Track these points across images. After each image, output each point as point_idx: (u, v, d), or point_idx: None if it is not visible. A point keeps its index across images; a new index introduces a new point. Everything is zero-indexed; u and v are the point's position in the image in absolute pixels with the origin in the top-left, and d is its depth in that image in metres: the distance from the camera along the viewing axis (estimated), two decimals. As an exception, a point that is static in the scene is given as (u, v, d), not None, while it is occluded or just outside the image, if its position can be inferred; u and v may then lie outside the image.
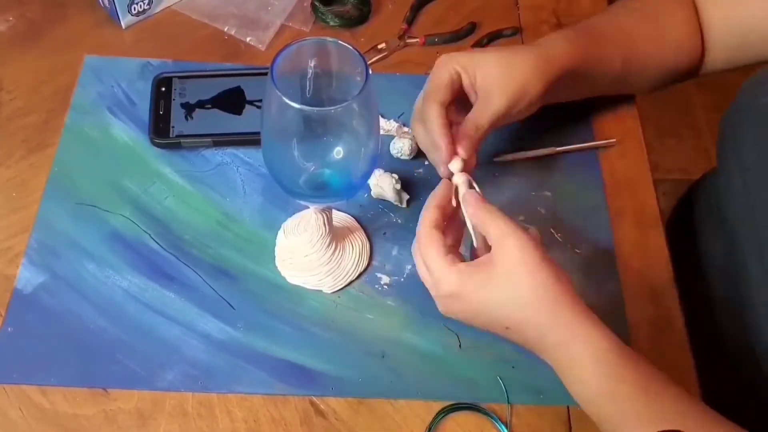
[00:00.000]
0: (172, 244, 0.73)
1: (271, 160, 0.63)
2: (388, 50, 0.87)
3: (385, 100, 0.81)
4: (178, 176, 0.77)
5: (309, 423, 0.64)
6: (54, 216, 0.73)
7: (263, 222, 0.75)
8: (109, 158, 0.78)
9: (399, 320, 0.70)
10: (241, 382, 0.66)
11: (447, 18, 0.91)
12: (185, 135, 0.78)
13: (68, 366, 0.66)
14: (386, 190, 0.74)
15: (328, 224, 0.69)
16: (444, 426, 0.65)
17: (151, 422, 0.64)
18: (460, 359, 0.68)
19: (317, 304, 0.70)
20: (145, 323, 0.68)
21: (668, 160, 1.80)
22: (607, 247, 0.74)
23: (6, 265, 0.71)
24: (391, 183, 0.74)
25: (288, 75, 0.59)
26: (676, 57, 0.78)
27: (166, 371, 0.66)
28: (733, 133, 0.72)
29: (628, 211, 0.77)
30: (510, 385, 0.67)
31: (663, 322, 0.70)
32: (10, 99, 0.81)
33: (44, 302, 0.69)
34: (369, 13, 0.90)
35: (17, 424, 0.63)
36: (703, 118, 1.93)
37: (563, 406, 0.66)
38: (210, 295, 0.70)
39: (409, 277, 0.72)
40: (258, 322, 0.69)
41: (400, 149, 0.78)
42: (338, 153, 0.62)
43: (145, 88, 0.81)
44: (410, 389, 0.66)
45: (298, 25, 0.89)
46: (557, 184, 0.78)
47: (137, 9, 0.87)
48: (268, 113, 0.59)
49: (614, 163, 0.80)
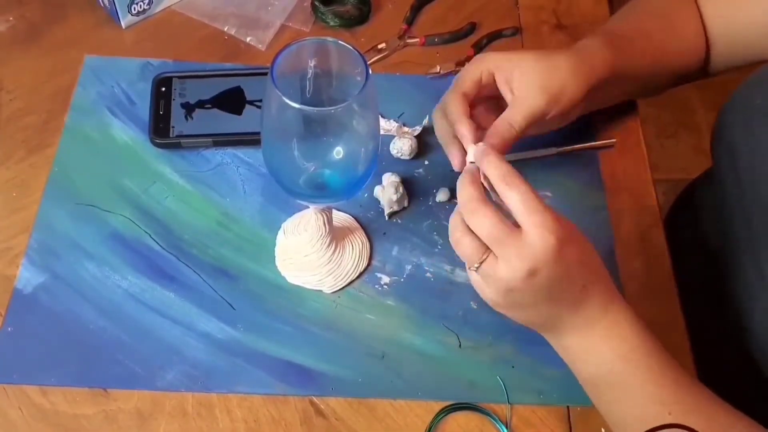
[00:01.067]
0: (172, 244, 0.73)
1: (271, 160, 0.63)
2: (388, 50, 0.87)
3: (385, 100, 0.81)
4: (178, 176, 0.77)
5: (309, 423, 0.64)
6: (54, 216, 0.73)
7: (263, 222, 0.75)
8: (109, 158, 0.78)
9: (399, 320, 0.70)
10: (241, 382, 0.66)
11: (447, 18, 0.91)
12: (185, 135, 0.78)
13: (68, 366, 0.66)
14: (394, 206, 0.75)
15: (328, 224, 0.69)
16: (444, 426, 0.65)
17: (151, 422, 0.64)
18: (460, 359, 0.68)
19: (317, 304, 0.70)
20: (145, 323, 0.68)
21: (668, 160, 1.80)
22: (607, 247, 0.74)
23: (6, 266, 0.71)
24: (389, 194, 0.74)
25: (288, 75, 0.59)
26: (688, 56, 0.78)
27: (166, 371, 0.66)
28: (726, 133, 0.72)
29: (628, 211, 0.77)
30: (510, 385, 0.67)
31: (663, 322, 0.70)
32: (10, 99, 0.81)
33: (44, 302, 0.69)
34: (369, 13, 0.90)
35: (17, 424, 0.63)
36: (703, 118, 1.93)
37: (563, 406, 0.66)
38: (210, 295, 0.70)
39: (409, 277, 0.72)
40: (258, 322, 0.69)
41: (400, 149, 0.78)
42: (338, 153, 0.62)
43: (145, 88, 0.81)
44: (410, 389, 0.66)
45: (298, 25, 0.89)
46: (557, 184, 0.78)
47: (137, 9, 0.87)
48: (268, 113, 0.59)
49: (614, 163, 0.80)
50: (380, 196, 0.75)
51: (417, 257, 0.73)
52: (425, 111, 0.82)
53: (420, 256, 0.73)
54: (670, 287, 0.72)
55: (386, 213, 0.75)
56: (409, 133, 0.77)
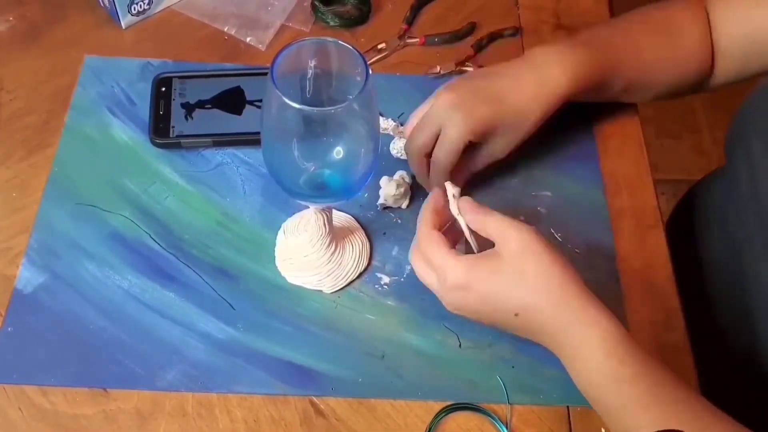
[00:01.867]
0: (172, 244, 0.73)
1: (271, 160, 0.63)
2: (388, 50, 0.87)
3: (385, 100, 0.81)
4: (178, 176, 0.77)
5: (309, 423, 0.64)
6: (54, 216, 0.73)
7: (263, 222, 0.75)
8: (109, 158, 0.78)
9: (399, 320, 0.70)
10: (241, 382, 0.66)
11: (447, 18, 0.91)
12: (185, 135, 0.78)
13: (68, 366, 0.66)
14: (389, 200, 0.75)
15: (328, 224, 0.69)
16: (444, 426, 0.65)
17: (151, 422, 0.64)
18: (460, 359, 0.68)
19: (317, 304, 0.70)
20: (145, 323, 0.68)
21: (668, 160, 1.80)
22: (607, 247, 0.74)
23: (6, 266, 0.71)
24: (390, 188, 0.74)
25: (288, 75, 0.59)
26: (686, 69, 0.77)
27: (166, 371, 0.66)
28: (743, 130, 0.72)
29: (628, 211, 0.77)
30: (510, 385, 0.67)
31: (663, 322, 0.70)
32: (10, 99, 0.81)
33: (44, 302, 0.69)
34: (369, 13, 0.90)
35: (17, 424, 0.63)
36: (703, 118, 1.93)
37: (563, 406, 0.66)
38: (210, 295, 0.70)
39: (409, 277, 0.72)
40: (258, 322, 0.69)
41: (399, 149, 0.78)
42: (338, 153, 0.62)
43: (145, 88, 0.81)
44: (410, 389, 0.66)
45: (298, 25, 0.89)
46: (557, 184, 0.78)
47: (137, 9, 0.87)
48: (268, 113, 0.59)
49: (614, 163, 0.80)
50: (383, 186, 0.75)
51: (417, 257, 0.73)
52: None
53: (420, 256, 0.73)
54: (670, 287, 0.72)
55: (380, 202, 0.75)
56: (405, 133, 0.77)
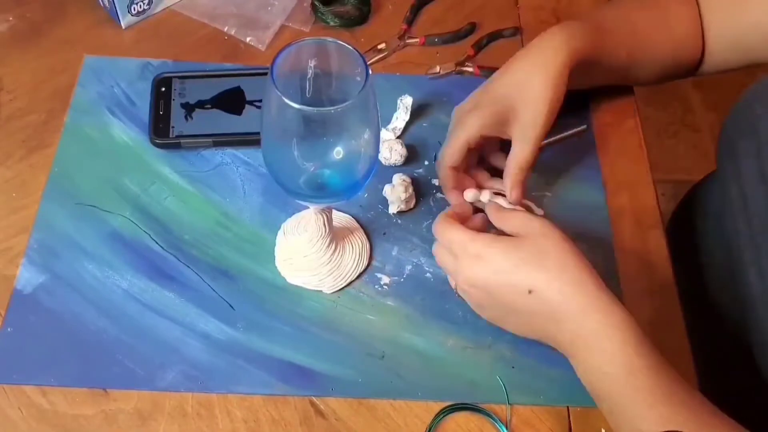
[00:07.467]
0: (172, 244, 0.73)
1: (271, 160, 0.63)
2: (388, 50, 0.87)
3: (385, 100, 0.81)
4: (177, 176, 0.77)
5: (309, 423, 0.64)
6: (54, 216, 0.73)
7: (263, 222, 0.75)
8: (109, 158, 0.78)
9: (399, 320, 0.70)
10: (240, 383, 0.66)
11: (447, 18, 0.91)
12: (185, 135, 0.78)
13: (68, 366, 0.66)
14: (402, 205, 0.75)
15: (328, 224, 0.69)
16: (444, 426, 0.65)
17: (151, 422, 0.64)
18: (460, 359, 0.68)
19: (317, 304, 0.70)
20: (145, 323, 0.68)
21: (668, 160, 1.80)
22: (607, 247, 0.74)
23: (6, 265, 0.71)
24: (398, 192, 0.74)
25: (288, 75, 0.59)
26: (678, 50, 0.78)
27: (166, 371, 0.66)
28: (730, 142, 0.72)
29: (628, 211, 0.77)
30: (510, 385, 0.67)
31: (663, 322, 0.70)
32: (10, 99, 0.81)
33: (44, 302, 0.69)
34: (369, 13, 0.90)
35: (17, 424, 0.63)
36: (703, 118, 1.93)
37: (563, 407, 0.66)
38: (210, 295, 0.70)
39: (409, 277, 0.72)
40: (258, 323, 0.69)
41: (387, 158, 0.77)
42: (338, 153, 0.62)
43: (145, 88, 0.81)
44: (410, 389, 0.66)
45: (298, 25, 0.89)
46: (557, 184, 0.78)
47: (137, 9, 0.87)
48: (268, 113, 0.59)
49: (614, 163, 0.80)
50: (388, 195, 0.75)
51: (417, 257, 0.73)
52: (425, 111, 0.82)
53: (420, 256, 0.73)
54: (670, 287, 0.72)
55: (395, 211, 0.75)
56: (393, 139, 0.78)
